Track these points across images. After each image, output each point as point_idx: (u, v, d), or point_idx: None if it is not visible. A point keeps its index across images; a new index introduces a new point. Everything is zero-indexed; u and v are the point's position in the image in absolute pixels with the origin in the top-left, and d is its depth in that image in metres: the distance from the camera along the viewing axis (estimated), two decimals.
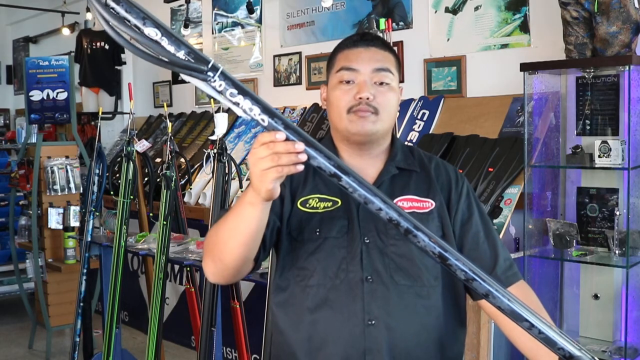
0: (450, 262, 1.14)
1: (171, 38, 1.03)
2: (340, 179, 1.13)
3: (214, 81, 1.06)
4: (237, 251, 1.35)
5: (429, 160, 1.59)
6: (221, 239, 1.36)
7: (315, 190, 1.50)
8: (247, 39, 5.38)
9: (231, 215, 1.33)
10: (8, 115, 8.90)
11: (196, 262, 3.08)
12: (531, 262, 3.05)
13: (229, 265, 1.38)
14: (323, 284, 1.45)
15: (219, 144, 3.01)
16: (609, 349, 2.89)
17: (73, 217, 4.47)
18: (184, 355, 4.52)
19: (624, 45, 2.83)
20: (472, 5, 3.83)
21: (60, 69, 4.91)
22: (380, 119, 1.47)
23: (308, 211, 1.48)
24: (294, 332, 1.48)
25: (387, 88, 1.49)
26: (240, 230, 1.31)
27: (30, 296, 5.23)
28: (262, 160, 1.16)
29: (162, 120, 5.90)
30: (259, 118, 1.11)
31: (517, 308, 1.14)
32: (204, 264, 1.44)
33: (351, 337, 1.42)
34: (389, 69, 1.49)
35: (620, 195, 2.95)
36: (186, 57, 1.04)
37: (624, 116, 2.92)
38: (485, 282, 1.14)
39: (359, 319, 1.42)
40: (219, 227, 1.37)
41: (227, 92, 1.08)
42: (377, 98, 1.46)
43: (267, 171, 1.16)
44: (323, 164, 1.13)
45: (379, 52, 1.51)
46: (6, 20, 8.83)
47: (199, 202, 4.52)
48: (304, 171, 1.51)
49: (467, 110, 3.73)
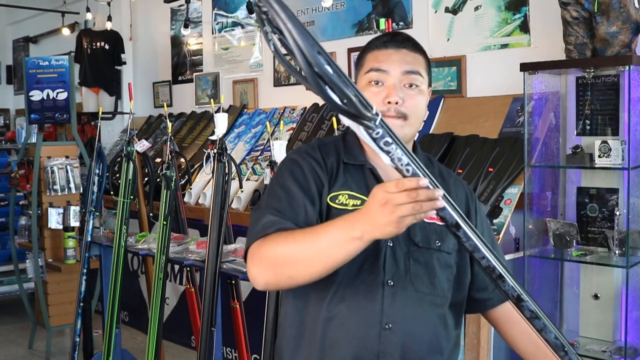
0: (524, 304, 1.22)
1: (344, 81, 1.04)
2: (459, 229, 1.15)
3: (374, 128, 1.07)
4: (320, 274, 1.29)
5: (447, 173, 1.59)
6: (302, 259, 1.29)
7: (345, 187, 1.47)
8: (247, 39, 5.38)
9: (324, 240, 1.25)
10: (8, 115, 8.90)
11: (196, 262, 3.08)
12: (531, 262, 3.05)
13: (300, 282, 1.33)
14: (342, 283, 1.43)
15: (219, 144, 3.01)
16: (609, 349, 2.89)
17: (73, 217, 4.47)
18: (184, 355, 4.52)
19: (624, 45, 2.83)
20: (472, 5, 3.83)
21: (60, 69, 4.91)
22: (408, 124, 1.46)
23: (337, 207, 1.45)
24: (309, 326, 1.46)
25: (417, 91, 1.47)
26: (335, 259, 1.26)
27: (30, 296, 5.22)
28: (402, 208, 1.13)
29: (162, 120, 5.90)
30: (404, 168, 1.11)
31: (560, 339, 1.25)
32: (255, 271, 1.36)
33: (366, 338, 1.41)
34: (419, 72, 1.47)
35: (620, 195, 2.95)
36: (355, 100, 1.04)
37: (624, 116, 2.92)
38: (542, 319, 1.23)
39: (376, 321, 1.41)
40: (299, 246, 1.29)
41: (382, 141, 1.09)
42: (405, 102, 1.45)
43: (405, 218, 1.14)
44: (449, 214, 1.14)
45: (409, 54, 1.48)
46: (6, 20, 8.83)
47: (199, 202, 4.52)
48: (335, 165, 1.50)
49: (467, 110, 3.73)
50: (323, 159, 1.49)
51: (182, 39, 5.99)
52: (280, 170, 1.50)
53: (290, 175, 1.46)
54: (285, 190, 1.44)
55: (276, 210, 1.41)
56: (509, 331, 1.58)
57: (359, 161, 1.51)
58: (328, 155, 1.50)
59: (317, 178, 1.46)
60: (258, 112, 5.04)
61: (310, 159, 1.48)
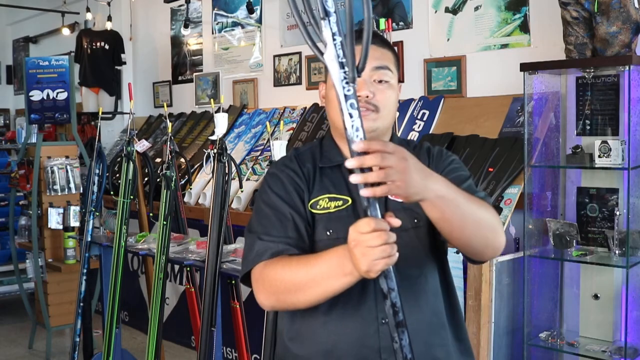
0: None
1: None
2: None
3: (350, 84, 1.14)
4: (321, 300, 1.36)
5: (419, 148, 1.59)
6: (302, 290, 1.34)
7: (323, 190, 1.49)
8: (247, 39, 5.37)
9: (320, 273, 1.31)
10: (8, 115, 8.90)
11: (196, 262, 3.08)
12: (531, 262, 3.05)
13: (304, 307, 1.39)
14: None
15: (219, 144, 3.01)
16: (609, 349, 2.89)
17: (73, 217, 4.47)
18: (184, 355, 4.52)
19: (624, 45, 2.83)
20: (472, 5, 3.83)
21: (60, 69, 4.91)
22: (380, 117, 1.47)
23: (320, 212, 1.47)
24: (307, 334, 1.47)
25: (387, 86, 1.48)
26: (332, 290, 1.31)
27: (30, 296, 5.22)
28: (373, 251, 1.14)
29: (162, 120, 5.90)
30: (355, 135, 1.14)
31: None
32: (262, 297, 1.42)
33: (365, 336, 1.42)
34: (387, 67, 1.49)
35: (620, 195, 2.95)
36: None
37: (624, 116, 2.92)
38: None
39: (372, 318, 1.43)
40: (298, 276, 1.35)
41: (349, 101, 1.14)
42: (376, 96, 1.46)
43: (377, 262, 1.15)
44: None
45: (377, 49, 1.49)
46: (6, 20, 8.83)
47: (199, 202, 4.52)
48: (311, 171, 1.51)
49: (467, 110, 3.73)
50: (300, 167, 1.52)
51: (182, 39, 5.99)
52: (263, 187, 1.54)
53: (272, 192, 1.50)
54: (271, 207, 1.48)
55: (266, 234, 1.46)
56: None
57: (335, 162, 1.52)
58: (304, 163, 1.53)
59: (297, 187, 1.49)
60: (258, 112, 5.04)
61: (288, 170, 1.52)
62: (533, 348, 3.04)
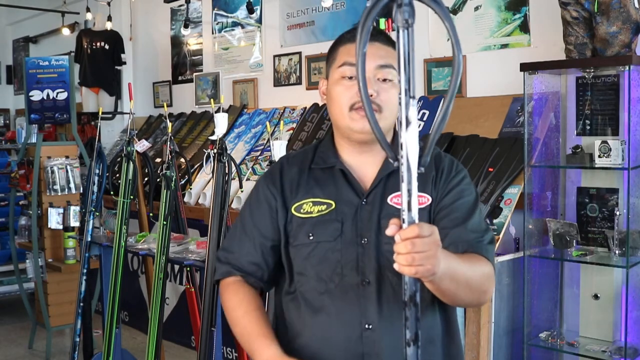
0: None
1: None
2: None
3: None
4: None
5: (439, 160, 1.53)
6: (235, 334, 1.52)
7: (309, 194, 1.49)
8: (247, 39, 5.37)
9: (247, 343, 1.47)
10: (8, 115, 8.90)
11: (196, 262, 3.08)
12: (531, 262, 3.05)
13: None
14: (317, 289, 1.44)
15: (219, 144, 3.01)
16: (609, 349, 2.89)
17: (73, 217, 4.47)
18: (184, 355, 4.52)
19: (624, 45, 2.83)
20: (472, 5, 3.83)
21: (60, 69, 4.91)
22: (383, 117, 1.44)
23: (303, 216, 1.47)
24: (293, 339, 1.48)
25: (390, 85, 1.45)
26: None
27: (30, 296, 5.22)
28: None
29: (162, 120, 5.90)
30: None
31: None
32: (225, 308, 1.56)
33: (348, 342, 1.41)
34: (392, 66, 1.44)
35: (620, 195, 2.95)
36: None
37: (624, 116, 2.92)
38: None
39: (355, 323, 1.41)
40: (237, 326, 1.50)
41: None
42: (380, 95, 1.43)
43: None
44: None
45: (382, 47, 1.46)
46: (6, 20, 8.83)
47: (199, 202, 4.52)
48: (296, 176, 1.51)
49: (467, 110, 3.73)
50: (281, 176, 1.54)
51: (182, 39, 5.99)
52: (249, 195, 1.60)
53: (249, 207, 1.58)
54: (241, 222, 1.58)
55: (227, 248, 1.58)
56: None
57: (329, 164, 1.51)
58: (291, 167, 1.54)
59: (271, 203, 1.53)
60: (258, 112, 5.04)
61: (269, 183, 1.55)
62: (533, 348, 3.04)
